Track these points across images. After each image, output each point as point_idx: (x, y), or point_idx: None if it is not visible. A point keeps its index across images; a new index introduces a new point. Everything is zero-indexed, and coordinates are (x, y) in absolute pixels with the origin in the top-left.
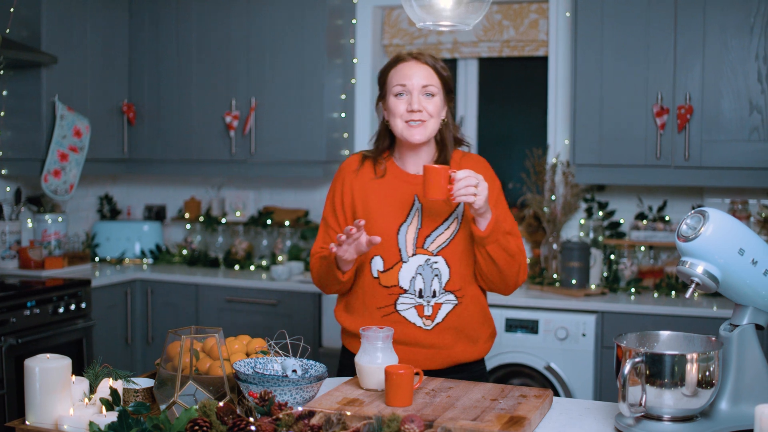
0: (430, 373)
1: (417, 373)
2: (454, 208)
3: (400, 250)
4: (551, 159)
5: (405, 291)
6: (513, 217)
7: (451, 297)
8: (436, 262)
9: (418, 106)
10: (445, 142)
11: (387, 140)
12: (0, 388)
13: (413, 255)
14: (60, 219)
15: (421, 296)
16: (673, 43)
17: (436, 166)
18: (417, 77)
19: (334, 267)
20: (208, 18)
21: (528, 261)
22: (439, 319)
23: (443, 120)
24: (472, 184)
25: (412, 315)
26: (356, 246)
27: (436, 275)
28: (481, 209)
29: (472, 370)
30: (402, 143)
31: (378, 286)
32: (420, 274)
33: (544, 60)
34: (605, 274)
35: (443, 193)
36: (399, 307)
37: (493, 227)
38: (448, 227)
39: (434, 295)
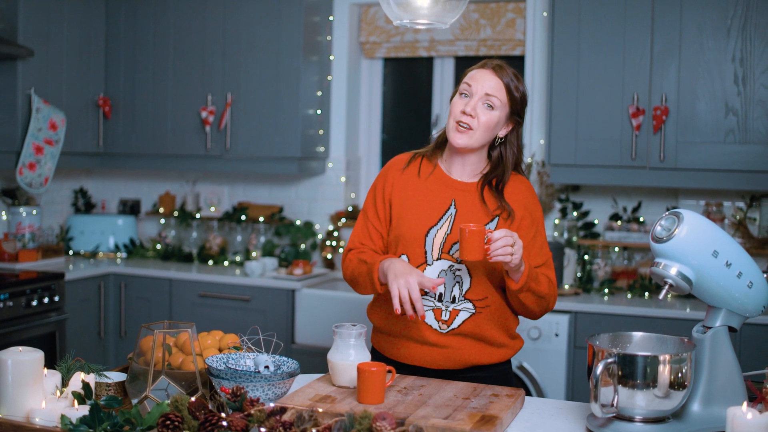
0: (448, 372)
1: (389, 371)
2: (488, 221)
3: (425, 252)
4: (526, 158)
5: (425, 293)
6: (548, 247)
7: (470, 305)
8: (459, 270)
9: (471, 110)
10: (504, 162)
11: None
12: None
13: (438, 259)
14: (34, 212)
15: (440, 300)
16: (649, 44)
17: (473, 227)
18: (484, 83)
19: (375, 276)
20: (184, 13)
21: None
22: (454, 325)
23: (500, 138)
24: (509, 244)
25: (429, 317)
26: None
27: (458, 282)
28: (516, 267)
29: (493, 370)
30: (450, 146)
31: None
32: (450, 272)
33: (520, 59)
34: (579, 275)
35: (480, 255)
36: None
37: (526, 279)
38: None
39: (453, 301)
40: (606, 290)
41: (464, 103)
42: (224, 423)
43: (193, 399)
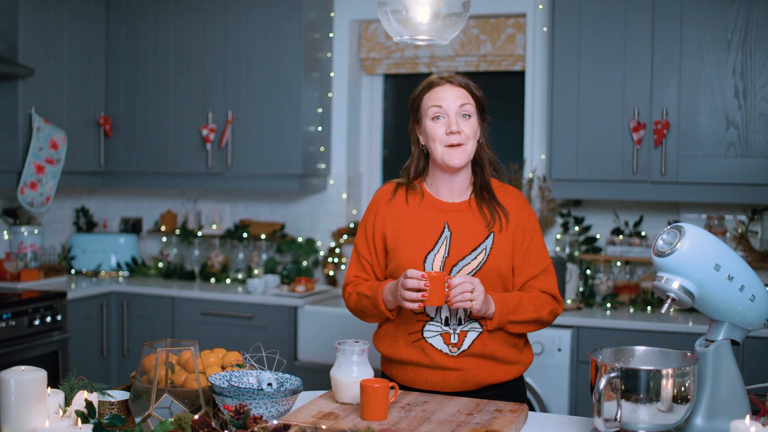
0: (462, 394)
1: (392, 387)
2: (483, 239)
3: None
4: (528, 174)
5: (431, 319)
6: (548, 252)
7: (476, 325)
8: None
9: (457, 127)
10: (482, 164)
11: (421, 163)
12: None
13: None
14: (36, 231)
15: (447, 324)
16: (650, 58)
17: (434, 273)
18: (452, 99)
19: (382, 307)
20: (185, 31)
21: None
22: (464, 346)
23: (478, 141)
24: (467, 290)
25: (438, 342)
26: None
27: None
28: (480, 312)
29: (507, 388)
30: (437, 168)
31: (408, 312)
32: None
33: (521, 75)
34: (581, 289)
35: (441, 300)
36: (426, 335)
37: (499, 319)
38: (476, 257)
39: (460, 323)
40: (608, 305)
41: (444, 124)
42: None
43: (196, 417)
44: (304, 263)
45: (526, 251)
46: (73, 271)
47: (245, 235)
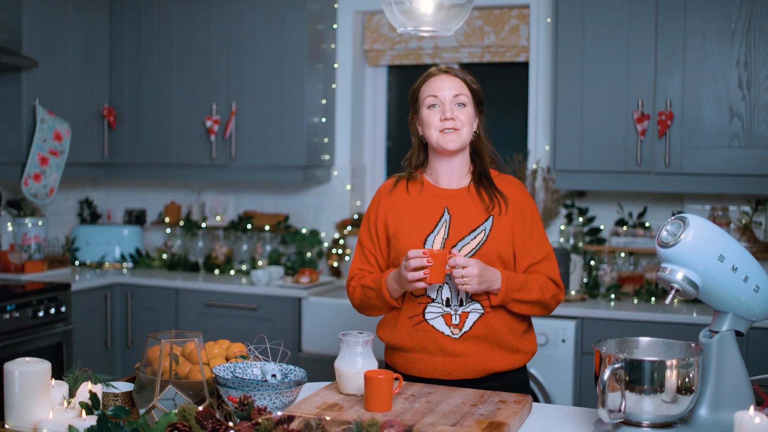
0: (465, 382)
1: (396, 378)
2: (483, 221)
3: None
4: (531, 165)
5: (432, 300)
6: (548, 240)
7: (478, 306)
8: None
9: (451, 114)
10: (481, 154)
11: (421, 155)
12: None
13: None
14: (40, 223)
15: (448, 305)
16: (654, 49)
17: (435, 251)
18: (448, 88)
19: (386, 296)
20: (188, 23)
21: None
22: (466, 327)
23: (475, 132)
24: (458, 275)
25: (440, 324)
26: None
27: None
28: (478, 292)
29: (509, 379)
30: (436, 157)
31: (409, 295)
32: (447, 283)
33: (524, 66)
34: (585, 280)
35: (443, 278)
36: (427, 316)
37: (504, 294)
38: (475, 237)
39: (461, 304)
40: (612, 296)
41: (440, 112)
42: None
43: (200, 408)
44: (308, 255)
45: (527, 237)
46: (77, 263)
47: (249, 226)
